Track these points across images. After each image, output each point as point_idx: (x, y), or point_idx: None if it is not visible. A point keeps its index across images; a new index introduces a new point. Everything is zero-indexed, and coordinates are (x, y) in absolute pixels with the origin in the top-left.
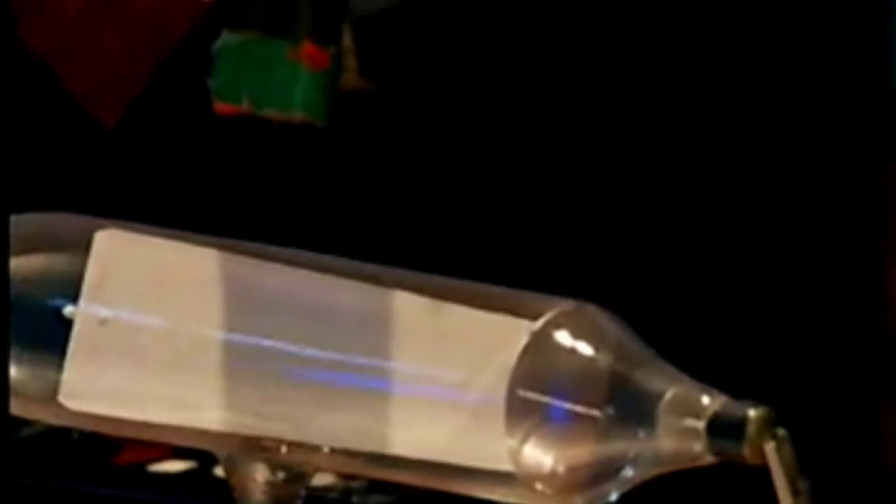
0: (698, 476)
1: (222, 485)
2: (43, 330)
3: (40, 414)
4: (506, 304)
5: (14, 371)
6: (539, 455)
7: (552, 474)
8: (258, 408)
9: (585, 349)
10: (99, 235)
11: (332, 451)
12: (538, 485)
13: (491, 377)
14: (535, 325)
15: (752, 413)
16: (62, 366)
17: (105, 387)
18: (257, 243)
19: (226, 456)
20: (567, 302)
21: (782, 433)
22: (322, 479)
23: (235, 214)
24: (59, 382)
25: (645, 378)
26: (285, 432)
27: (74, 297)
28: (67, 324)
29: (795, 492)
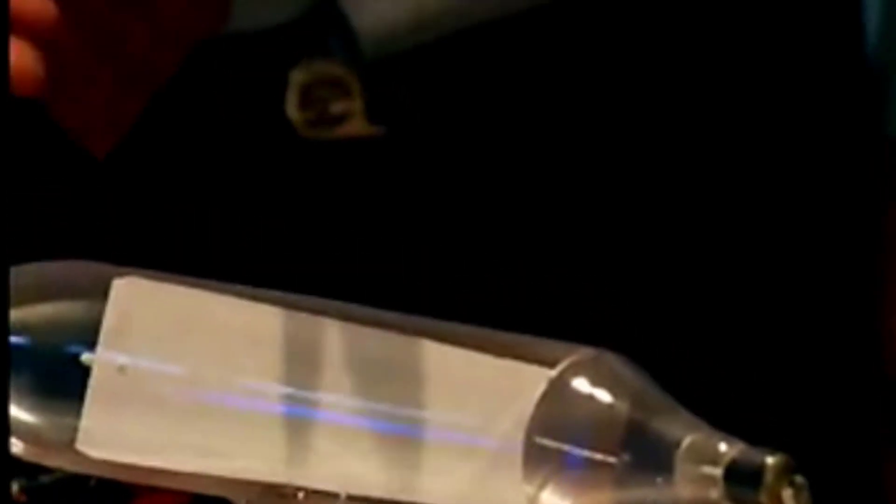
0: None
1: None
2: (61, 377)
3: (58, 461)
4: (523, 351)
5: (32, 418)
6: (556, 502)
7: None
8: (279, 455)
9: (603, 396)
10: (117, 282)
11: (350, 498)
12: None
13: (508, 424)
14: (553, 373)
15: (770, 460)
16: (80, 413)
17: (123, 434)
18: (275, 290)
19: (244, 503)
20: (584, 349)
21: (800, 480)
22: None
23: (242, 250)
24: (77, 430)
25: (662, 425)
26: (305, 479)
27: (93, 345)
28: (86, 371)
29: None
